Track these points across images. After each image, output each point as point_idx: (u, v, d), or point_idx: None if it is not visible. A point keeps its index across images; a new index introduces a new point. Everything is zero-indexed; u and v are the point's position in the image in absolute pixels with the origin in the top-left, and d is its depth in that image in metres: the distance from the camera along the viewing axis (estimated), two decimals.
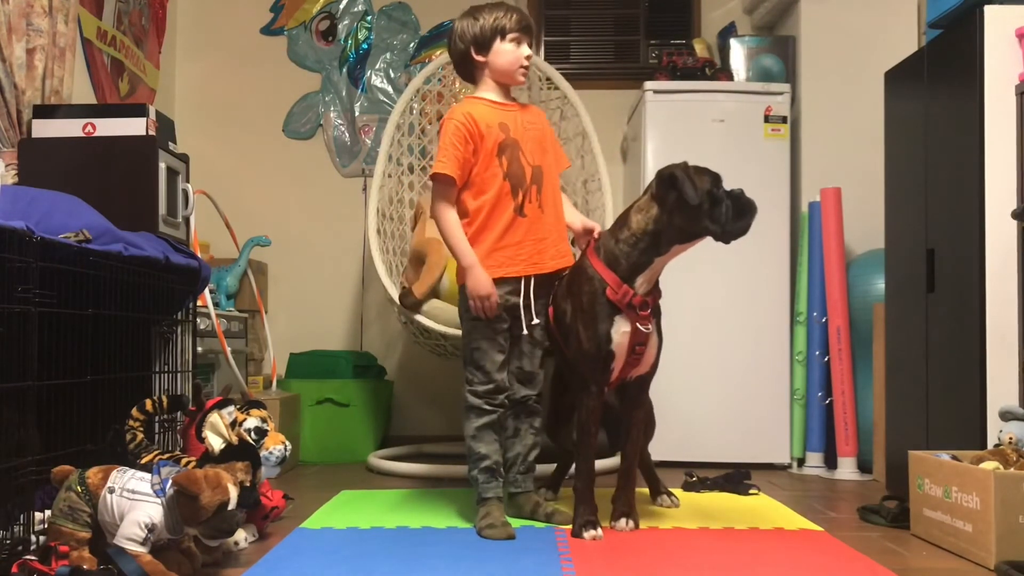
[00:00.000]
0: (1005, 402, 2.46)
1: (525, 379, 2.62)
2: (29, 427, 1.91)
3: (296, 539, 2.33)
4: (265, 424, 2.28)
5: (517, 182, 2.53)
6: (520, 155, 2.55)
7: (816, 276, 3.75)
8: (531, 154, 2.57)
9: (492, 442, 2.54)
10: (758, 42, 4.10)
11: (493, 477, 2.52)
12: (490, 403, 2.54)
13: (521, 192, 2.54)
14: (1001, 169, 2.56)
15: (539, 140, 2.61)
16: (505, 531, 2.37)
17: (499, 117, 2.56)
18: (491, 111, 2.56)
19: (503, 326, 2.55)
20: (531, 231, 2.55)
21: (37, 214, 2.07)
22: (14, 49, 2.91)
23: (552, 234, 2.59)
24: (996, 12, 2.59)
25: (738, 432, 3.74)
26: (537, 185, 2.56)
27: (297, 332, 4.35)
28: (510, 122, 2.57)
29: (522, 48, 2.57)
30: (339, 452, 3.88)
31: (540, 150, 2.60)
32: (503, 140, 2.53)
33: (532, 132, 2.59)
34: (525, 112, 2.65)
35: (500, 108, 2.59)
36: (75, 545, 1.84)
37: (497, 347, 2.54)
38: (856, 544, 2.31)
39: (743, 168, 3.81)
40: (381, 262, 3.61)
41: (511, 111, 2.60)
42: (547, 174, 2.60)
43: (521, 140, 2.56)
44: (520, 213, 2.54)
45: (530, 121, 2.62)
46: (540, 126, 2.65)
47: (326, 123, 4.55)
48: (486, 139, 2.52)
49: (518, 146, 2.55)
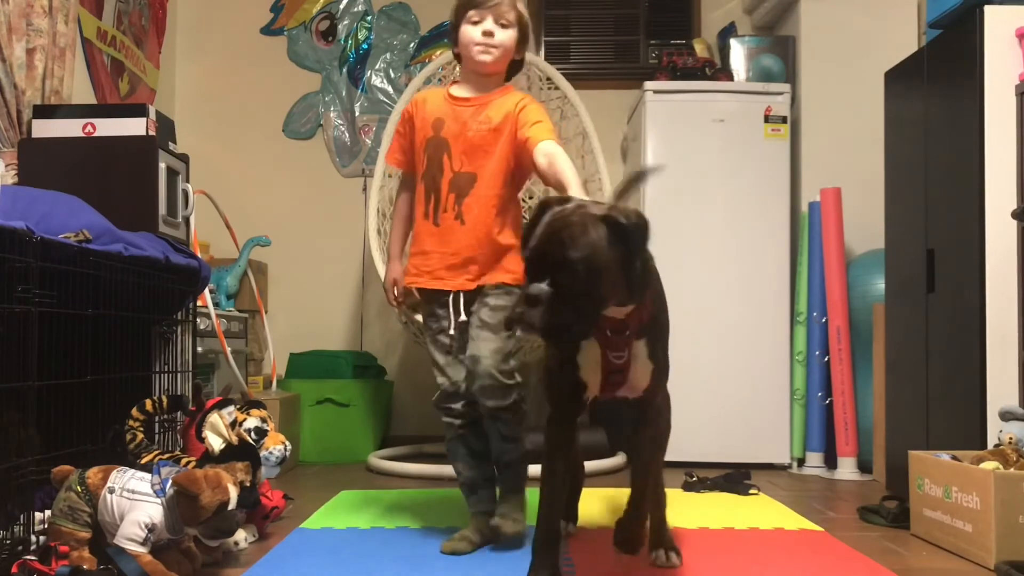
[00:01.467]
0: (1005, 402, 2.46)
1: (471, 366, 2.25)
2: (29, 427, 1.91)
3: (296, 539, 2.33)
4: (265, 424, 2.28)
5: (431, 185, 2.32)
6: (444, 157, 2.31)
7: (816, 276, 3.75)
8: (461, 158, 2.30)
9: (463, 457, 2.36)
10: (758, 42, 4.10)
11: (472, 492, 2.36)
12: (447, 413, 2.34)
13: (434, 197, 2.31)
14: (1001, 169, 2.56)
15: (483, 145, 2.29)
16: (452, 545, 2.22)
17: (442, 111, 2.34)
18: (439, 104, 2.36)
19: (442, 323, 2.34)
20: (443, 243, 2.30)
21: (37, 214, 2.07)
22: (14, 49, 2.91)
23: (471, 251, 2.29)
24: (996, 12, 2.59)
25: (738, 432, 3.74)
26: (457, 194, 2.29)
27: (297, 332, 4.35)
28: (451, 119, 2.32)
29: (480, 25, 2.30)
30: (339, 452, 3.88)
31: (480, 154, 2.30)
32: (429, 137, 2.33)
33: (477, 135, 2.30)
34: (488, 109, 2.32)
35: (452, 102, 2.35)
36: (75, 545, 1.84)
37: (439, 347, 2.35)
38: (856, 544, 2.31)
39: (743, 168, 3.83)
40: (381, 262, 3.61)
41: (464, 107, 2.33)
42: (481, 183, 2.28)
43: (453, 141, 2.30)
44: (434, 221, 2.31)
45: (485, 119, 2.31)
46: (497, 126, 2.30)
47: (326, 123, 4.55)
48: (418, 132, 2.36)
49: (446, 147, 2.31)
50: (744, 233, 3.81)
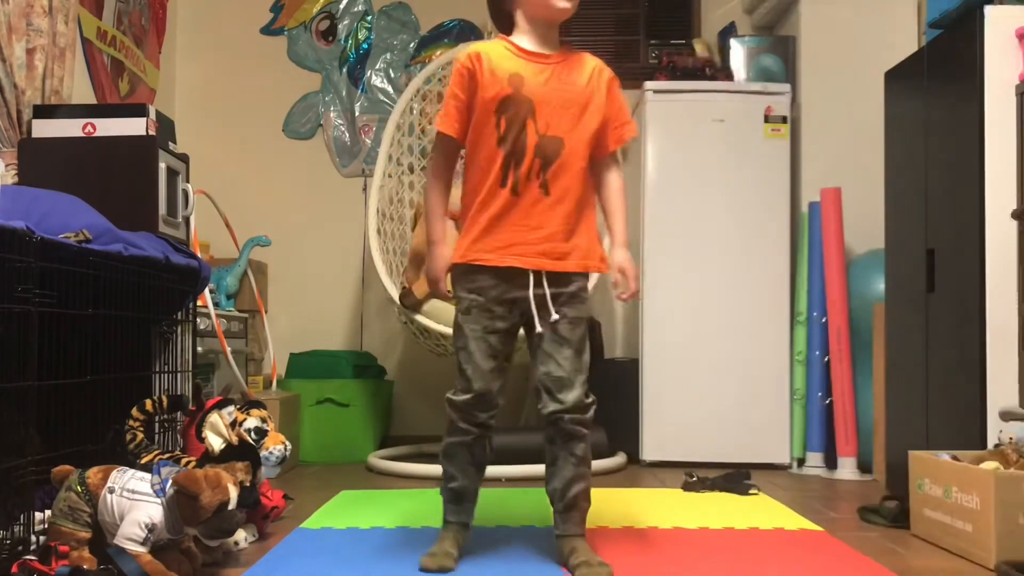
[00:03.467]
0: (1005, 402, 2.46)
1: (554, 387, 2.04)
2: (29, 427, 1.91)
3: (296, 539, 2.33)
4: (265, 424, 2.28)
5: (513, 151, 2.02)
6: (530, 120, 2.02)
7: (816, 276, 3.75)
8: (548, 121, 2.03)
9: (463, 465, 2.12)
10: (758, 42, 4.10)
11: (459, 502, 2.14)
12: (467, 419, 2.08)
13: (515, 165, 2.02)
14: (1001, 169, 2.56)
15: (572, 105, 2.06)
16: (437, 562, 2.02)
17: (517, 67, 2.05)
18: (509, 57, 2.06)
19: (498, 324, 2.06)
20: (527, 217, 2.02)
21: (37, 214, 2.07)
22: (14, 49, 2.91)
23: (559, 226, 2.03)
24: (996, 12, 2.59)
25: (738, 432, 3.74)
26: (544, 160, 2.02)
27: (297, 332, 4.35)
28: (531, 76, 2.05)
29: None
30: (339, 452, 3.88)
31: (570, 118, 2.05)
32: (507, 95, 2.02)
33: (565, 94, 2.06)
34: (568, 67, 2.10)
35: (525, 56, 2.07)
36: (75, 545, 1.84)
37: (487, 350, 2.06)
38: (856, 544, 2.31)
39: (743, 168, 3.83)
40: (381, 262, 3.62)
41: (541, 63, 2.07)
42: (570, 151, 2.04)
43: (538, 101, 2.03)
44: (513, 191, 2.02)
45: (570, 80, 2.08)
46: (585, 88, 2.09)
47: (326, 123, 4.55)
48: (488, 88, 2.03)
49: (531, 107, 2.02)
50: (744, 233, 3.81)
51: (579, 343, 2.07)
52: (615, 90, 2.15)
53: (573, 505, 2.07)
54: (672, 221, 3.83)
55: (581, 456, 2.06)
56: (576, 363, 2.05)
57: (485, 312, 2.06)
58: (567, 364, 2.04)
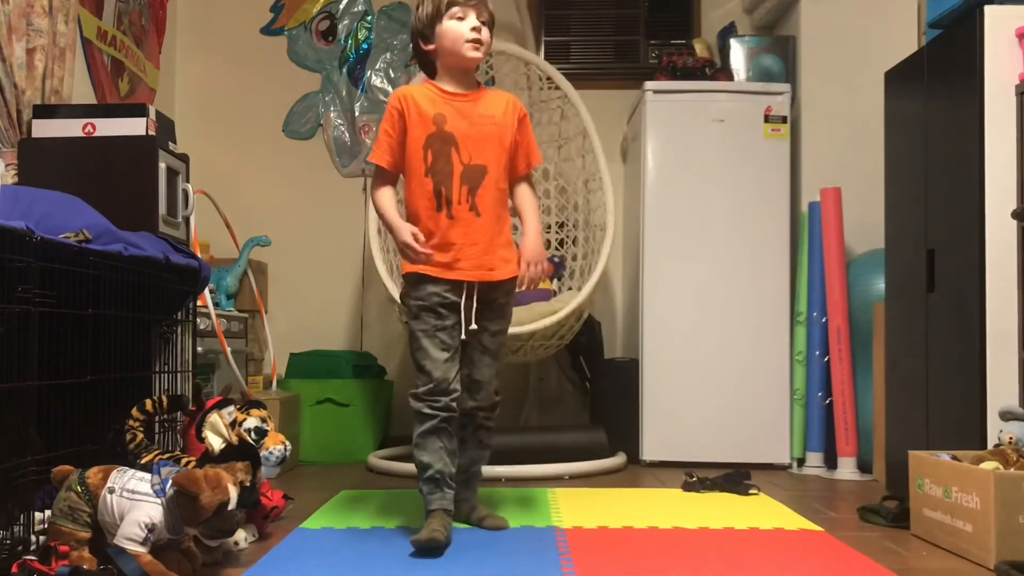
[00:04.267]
0: (1005, 402, 2.46)
1: (473, 387, 2.46)
2: (29, 427, 1.91)
3: (296, 539, 2.33)
4: (265, 424, 2.28)
5: (441, 180, 2.32)
6: (454, 152, 2.32)
7: (816, 276, 3.75)
8: (471, 153, 2.34)
9: (437, 450, 2.34)
10: (758, 42, 4.10)
11: (438, 488, 2.34)
12: (432, 406, 2.33)
13: (445, 191, 2.32)
14: (1001, 169, 2.56)
15: (490, 137, 2.37)
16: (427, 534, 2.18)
17: (440, 107, 2.34)
18: (433, 99, 2.36)
19: (446, 322, 2.35)
20: (464, 236, 2.33)
21: (37, 214, 2.07)
22: (14, 49, 2.91)
23: (490, 239, 2.36)
24: (996, 12, 2.59)
25: (738, 432, 3.74)
26: (471, 186, 2.33)
27: (297, 332, 4.35)
28: (452, 114, 2.34)
29: (467, 21, 2.32)
30: (339, 452, 3.88)
31: (488, 148, 2.36)
32: (432, 133, 2.32)
33: (482, 128, 2.36)
34: (483, 103, 2.39)
35: (446, 98, 2.36)
36: (75, 545, 1.84)
37: (439, 344, 2.34)
38: (856, 544, 2.31)
39: (743, 168, 3.83)
40: (381, 262, 3.61)
41: (461, 101, 2.37)
42: (491, 176, 2.36)
43: (460, 136, 2.33)
44: (448, 215, 2.33)
45: (487, 115, 2.38)
46: (500, 120, 2.39)
47: (326, 123, 4.55)
48: (415, 129, 2.34)
49: (453, 141, 2.33)
50: (744, 233, 3.81)
51: (497, 351, 2.48)
52: (526, 123, 2.48)
53: (474, 476, 2.57)
54: (672, 221, 3.83)
55: (486, 442, 2.56)
56: (492, 369, 2.49)
57: (432, 313, 2.36)
58: (486, 371, 2.47)
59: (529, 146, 2.48)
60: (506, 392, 2.24)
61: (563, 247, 4.22)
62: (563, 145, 4.22)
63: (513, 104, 2.44)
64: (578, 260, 4.09)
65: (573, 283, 4.04)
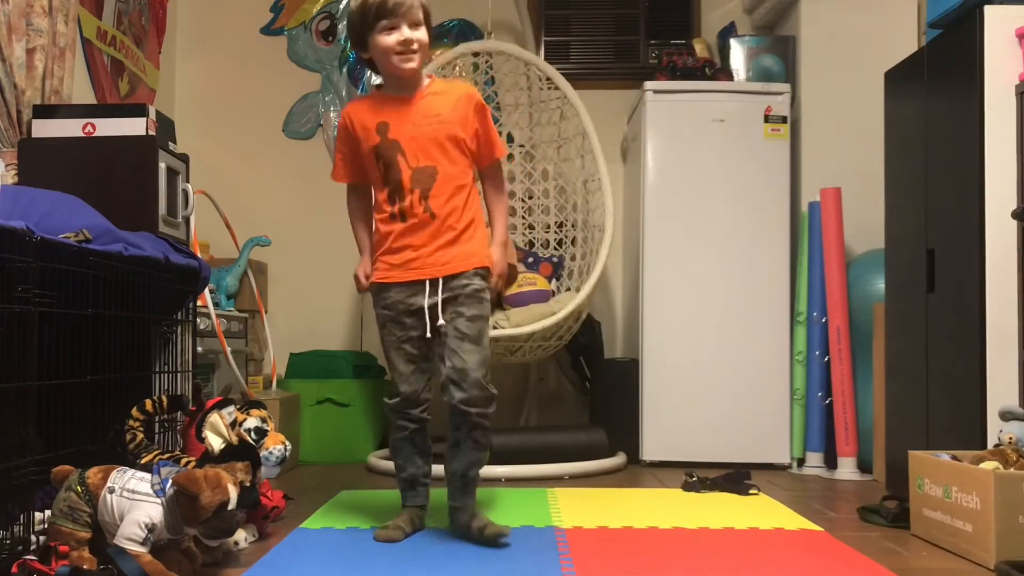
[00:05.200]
0: (1005, 402, 2.46)
1: (459, 377, 2.29)
2: (29, 427, 1.91)
3: (296, 539, 2.33)
4: (265, 424, 2.28)
5: (395, 188, 2.33)
6: (399, 157, 2.32)
7: (816, 276, 3.75)
8: (417, 155, 2.32)
9: (409, 455, 2.45)
10: (758, 42, 4.10)
11: (411, 487, 2.47)
12: (402, 417, 2.42)
13: (399, 198, 2.33)
14: (1001, 169, 2.56)
15: (436, 136, 2.33)
16: (387, 533, 2.31)
17: (381, 116, 2.35)
18: (373, 110, 2.37)
19: (410, 333, 2.36)
20: (419, 237, 2.33)
21: (37, 214, 2.07)
22: (14, 49, 2.91)
23: (448, 239, 2.33)
24: (996, 12, 2.59)
25: (738, 432, 3.74)
26: (423, 189, 2.31)
27: (297, 332, 4.35)
28: (395, 119, 2.33)
29: (397, 33, 2.27)
30: (339, 452, 3.88)
31: (435, 147, 2.33)
32: (377, 143, 2.34)
33: (429, 129, 2.33)
34: (427, 103, 2.35)
35: (386, 104, 2.36)
36: (75, 545, 1.84)
37: (404, 356, 2.38)
38: (856, 544, 2.31)
39: (743, 168, 3.83)
40: None
41: (401, 105, 2.35)
42: (444, 176, 2.33)
43: (404, 140, 2.32)
44: (402, 219, 2.33)
45: (432, 114, 2.34)
46: (446, 117, 2.34)
47: (326, 123, 4.55)
48: (363, 143, 2.37)
49: (398, 147, 2.32)
50: (744, 233, 3.81)
51: (478, 338, 2.34)
52: (483, 114, 2.41)
53: (470, 483, 2.38)
54: (672, 221, 3.83)
55: (482, 443, 2.37)
56: (477, 356, 2.32)
57: (397, 324, 2.38)
58: (468, 357, 2.30)
59: (489, 138, 2.42)
60: (506, 392, 2.22)
61: (562, 247, 4.22)
62: (562, 145, 4.22)
63: (467, 97, 2.38)
64: (577, 260, 4.09)
65: (572, 283, 4.04)
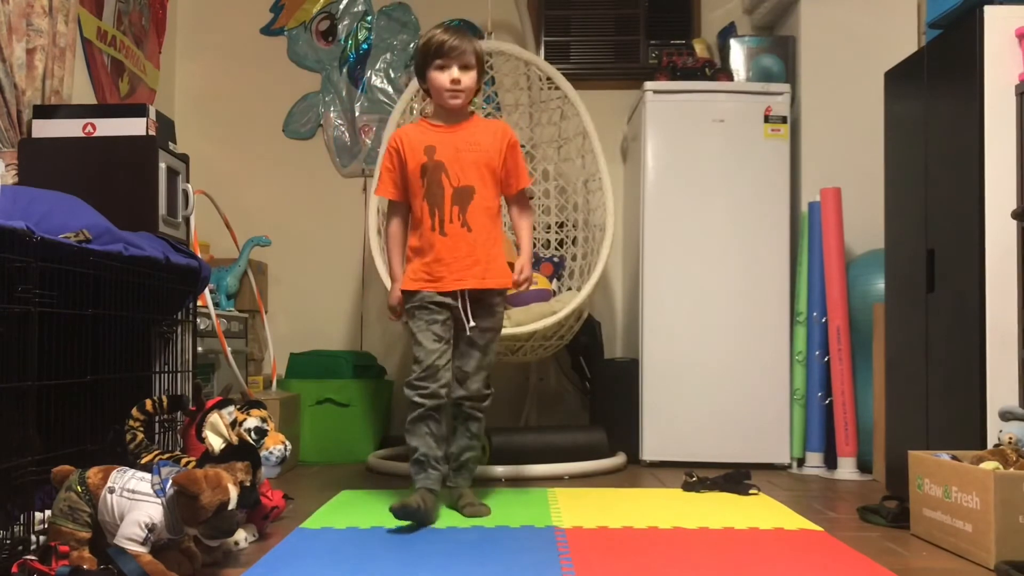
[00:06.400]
0: (1005, 402, 2.46)
1: (462, 378, 2.71)
2: (29, 427, 1.91)
3: (296, 539, 2.33)
4: (265, 424, 2.28)
5: (434, 202, 2.64)
6: (442, 176, 2.65)
7: (816, 276, 3.75)
8: (458, 175, 2.66)
9: (423, 435, 2.63)
10: (758, 42, 4.10)
11: (422, 469, 2.63)
12: (421, 392, 2.61)
13: (439, 212, 2.64)
14: (1001, 169, 2.56)
15: (476, 162, 2.67)
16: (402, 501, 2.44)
17: (430, 139, 2.68)
18: (423, 133, 2.70)
19: (438, 317, 2.64)
20: (455, 249, 2.64)
21: (37, 214, 2.07)
22: (14, 49, 2.91)
23: (481, 252, 2.66)
24: (996, 12, 2.59)
25: (738, 432, 3.74)
26: (460, 206, 2.65)
27: (297, 332, 4.35)
28: (441, 144, 2.67)
29: (448, 72, 2.64)
30: (339, 452, 3.88)
31: (473, 171, 2.67)
32: (424, 163, 2.65)
33: (468, 154, 2.67)
34: (469, 133, 2.70)
35: (435, 130, 2.70)
36: (75, 545, 1.84)
37: (432, 336, 2.62)
38: (856, 544, 2.31)
39: (743, 168, 3.83)
40: (381, 262, 3.61)
41: (448, 133, 2.69)
42: (479, 195, 2.66)
43: (448, 162, 2.65)
44: (440, 232, 2.64)
45: (473, 142, 2.68)
46: (486, 147, 2.69)
47: (326, 123, 4.55)
48: (409, 162, 2.67)
49: (442, 167, 2.65)
50: (744, 233, 3.81)
51: (486, 347, 2.72)
52: (515, 149, 2.78)
53: (464, 465, 2.77)
54: (672, 221, 3.83)
55: (475, 432, 2.78)
56: (480, 362, 2.72)
57: (425, 311, 2.65)
58: (473, 363, 2.71)
59: (518, 170, 2.77)
60: (506, 392, 2.25)
61: (563, 247, 4.22)
62: (563, 145, 4.22)
63: (502, 133, 2.75)
64: (578, 260, 4.09)
65: (573, 283, 4.04)
